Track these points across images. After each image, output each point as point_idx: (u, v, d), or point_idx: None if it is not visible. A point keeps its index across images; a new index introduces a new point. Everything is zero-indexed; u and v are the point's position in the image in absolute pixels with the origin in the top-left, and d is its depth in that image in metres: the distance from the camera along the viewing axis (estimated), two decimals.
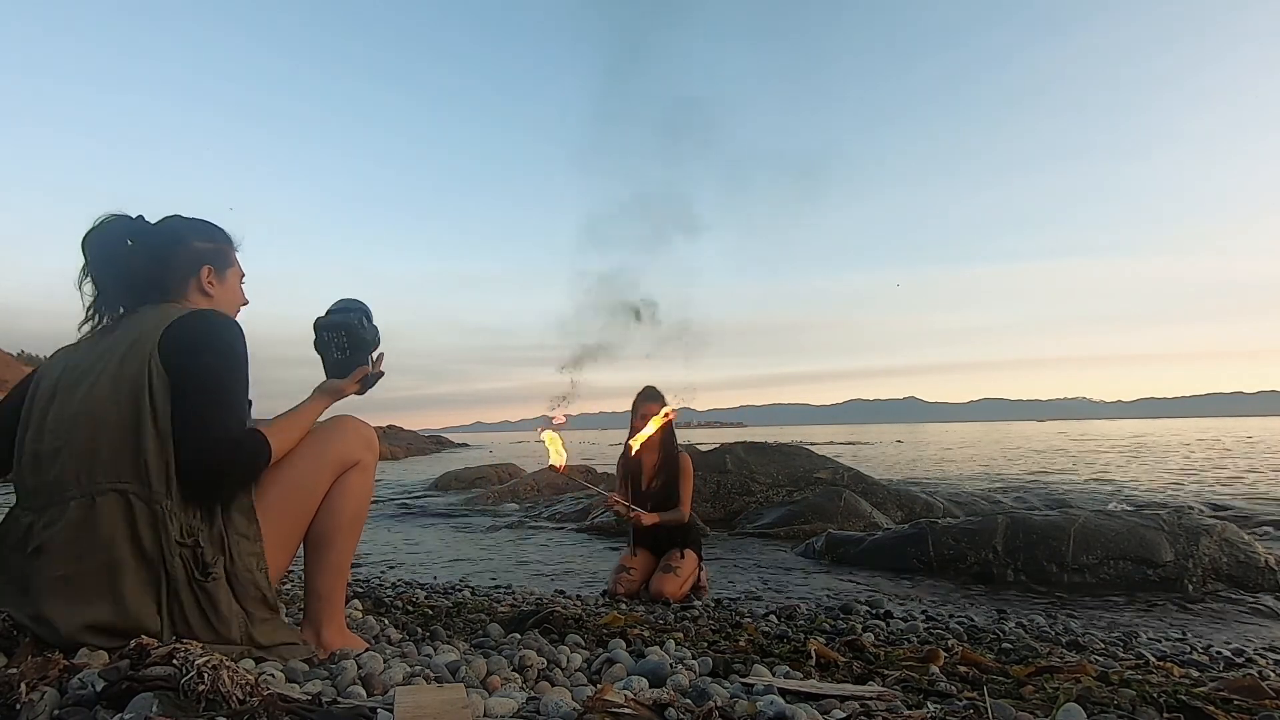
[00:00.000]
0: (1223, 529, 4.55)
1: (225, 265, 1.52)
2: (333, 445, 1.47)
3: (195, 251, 1.47)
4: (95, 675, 0.90)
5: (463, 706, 1.00)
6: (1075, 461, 16.31)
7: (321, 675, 1.30)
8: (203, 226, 1.51)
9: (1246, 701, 1.49)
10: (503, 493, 9.45)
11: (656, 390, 3.75)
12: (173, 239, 1.45)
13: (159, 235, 1.45)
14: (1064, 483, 10.75)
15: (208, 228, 1.52)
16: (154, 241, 1.43)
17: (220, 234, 1.53)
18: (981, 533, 4.63)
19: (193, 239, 1.47)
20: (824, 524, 5.92)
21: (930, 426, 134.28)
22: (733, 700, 1.24)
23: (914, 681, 1.60)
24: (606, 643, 1.85)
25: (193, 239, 1.47)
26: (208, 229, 1.51)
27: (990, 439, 35.28)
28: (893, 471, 13.70)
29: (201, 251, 1.47)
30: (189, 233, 1.48)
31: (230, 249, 1.54)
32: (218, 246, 1.51)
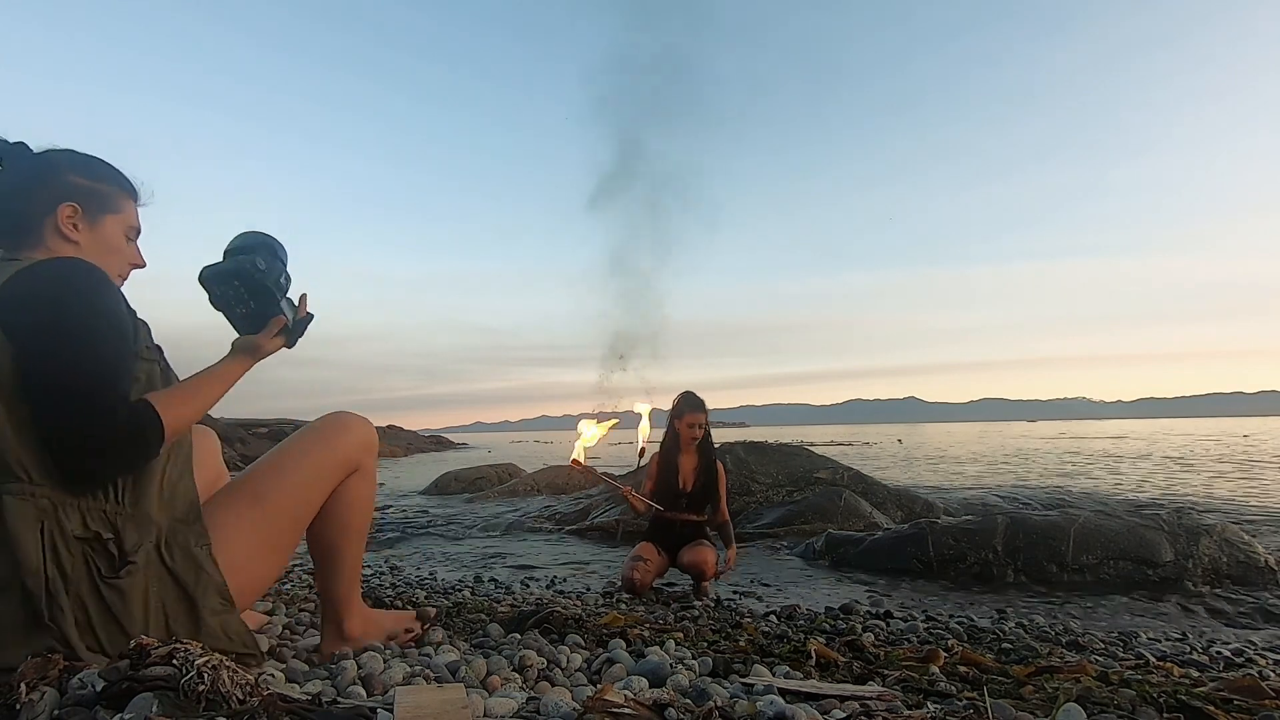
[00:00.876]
0: (1223, 529, 4.55)
1: (102, 209, 1.23)
2: (335, 446, 1.39)
3: (62, 185, 1.19)
4: (95, 675, 0.90)
5: (463, 706, 1.00)
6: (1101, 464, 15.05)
7: (321, 675, 1.30)
8: (89, 161, 1.24)
9: (1246, 701, 1.49)
10: (503, 493, 9.45)
11: (698, 398, 3.81)
12: (43, 168, 1.19)
13: (30, 162, 1.20)
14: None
15: (94, 163, 1.24)
16: (22, 168, 1.19)
17: (110, 174, 1.25)
18: (981, 533, 4.63)
19: (68, 173, 1.20)
20: (824, 524, 5.92)
21: (930, 426, 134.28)
22: (733, 700, 1.24)
23: (914, 681, 1.60)
24: (606, 643, 1.85)
25: (68, 173, 1.20)
26: (93, 164, 1.24)
27: (995, 439, 35.26)
28: (894, 471, 13.70)
29: (70, 186, 1.20)
30: (66, 165, 1.21)
31: (119, 195, 1.26)
32: (97, 185, 1.23)
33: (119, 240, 1.27)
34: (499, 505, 8.78)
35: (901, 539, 4.82)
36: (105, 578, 1.07)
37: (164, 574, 1.13)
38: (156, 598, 1.11)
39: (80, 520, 1.06)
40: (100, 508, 1.08)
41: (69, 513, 1.05)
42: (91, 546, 1.07)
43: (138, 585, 1.09)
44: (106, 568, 1.07)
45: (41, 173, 1.20)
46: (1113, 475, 12.10)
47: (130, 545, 1.09)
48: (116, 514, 1.10)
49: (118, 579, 1.07)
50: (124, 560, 1.08)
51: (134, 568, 1.09)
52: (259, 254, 1.32)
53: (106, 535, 1.08)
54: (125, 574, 1.08)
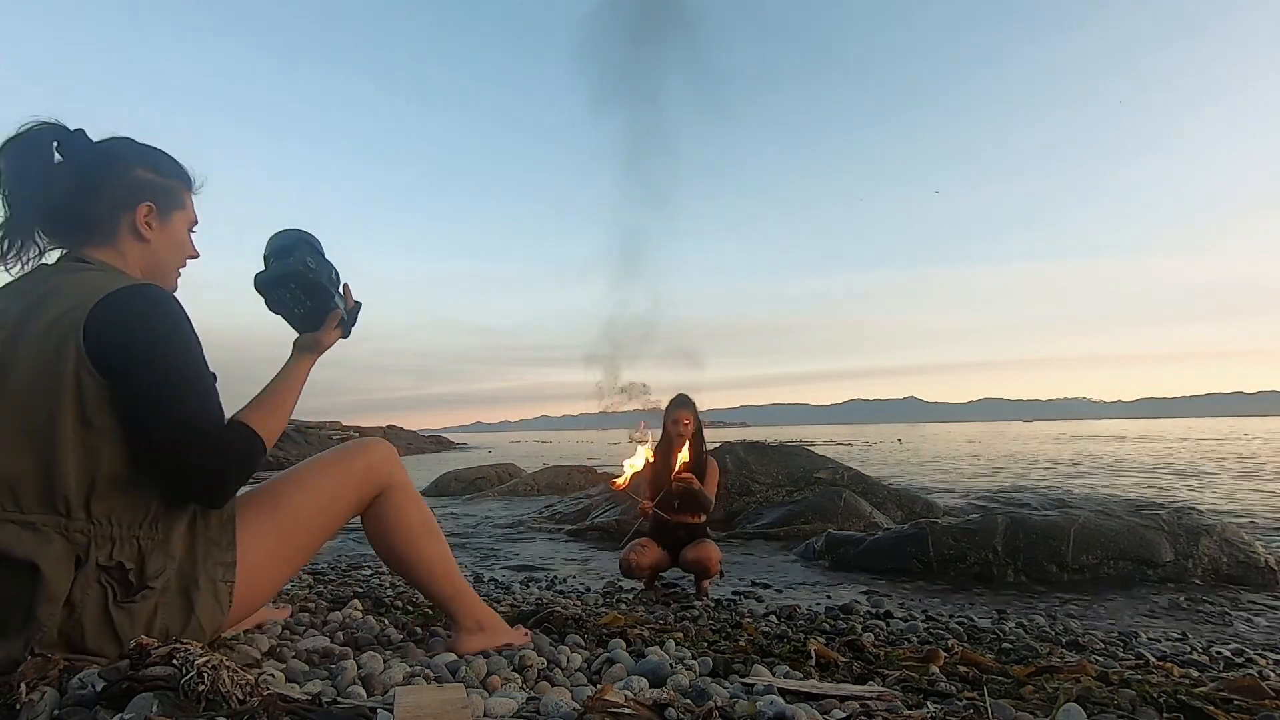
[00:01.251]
0: (1223, 529, 4.55)
1: (172, 206, 1.25)
2: (353, 465, 1.40)
3: (136, 182, 1.20)
4: (95, 675, 0.90)
5: (463, 706, 1.00)
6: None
7: (321, 675, 1.30)
8: (154, 154, 1.24)
9: (1246, 701, 1.49)
10: (503, 493, 9.45)
11: (684, 396, 4.01)
12: (112, 162, 1.19)
13: (96, 154, 1.18)
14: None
15: (160, 156, 1.25)
16: (86, 161, 1.17)
17: (174, 167, 1.26)
18: (981, 533, 4.64)
19: (137, 166, 1.20)
20: (824, 524, 5.93)
21: (930, 426, 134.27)
22: (733, 700, 1.24)
23: (914, 681, 1.60)
24: (606, 643, 1.85)
25: (137, 166, 1.20)
26: (159, 157, 1.25)
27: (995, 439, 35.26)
28: (893, 471, 13.70)
29: (144, 184, 1.20)
30: (133, 158, 1.21)
31: (183, 189, 1.27)
32: (167, 181, 1.24)
33: (184, 236, 1.29)
34: (499, 505, 8.78)
35: (901, 539, 4.83)
36: (120, 601, 1.07)
37: (178, 599, 1.13)
38: (162, 623, 1.11)
39: (109, 550, 1.06)
40: (134, 535, 1.09)
41: (100, 544, 1.06)
42: (111, 574, 1.06)
43: (146, 610, 1.09)
44: (122, 593, 1.07)
45: (112, 167, 1.19)
46: (1113, 475, 12.10)
47: (153, 571, 1.09)
48: (149, 540, 1.10)
49: (131, 602, 1.07)
50: (142, 585, 1.08)
51: (150, 593, 1.09)
52: (304, 253, 1.33)
53: (129, 565, 1.08)
54: (140, 598, 1.08)
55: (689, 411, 3.93)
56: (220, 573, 1.18)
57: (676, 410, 3.94)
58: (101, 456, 1.05)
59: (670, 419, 3.93)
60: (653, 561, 3.75)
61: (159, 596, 1.10)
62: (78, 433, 1.03)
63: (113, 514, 1.07)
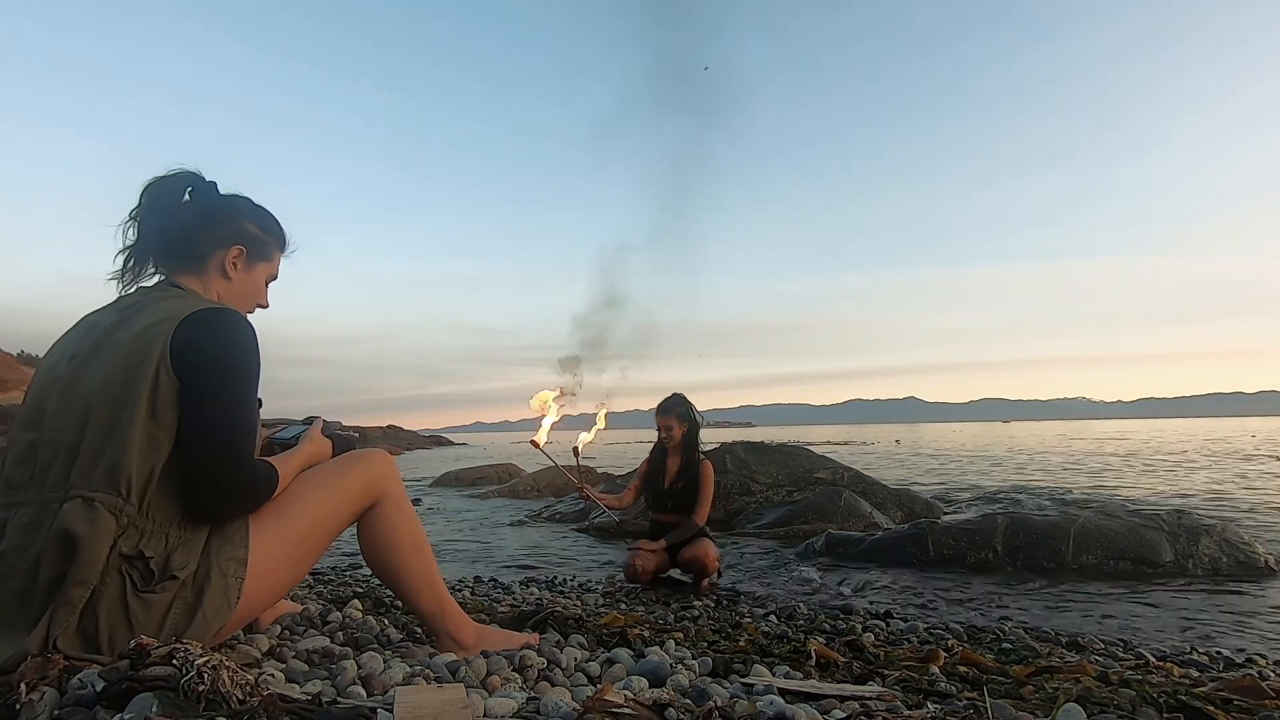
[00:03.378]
0: (1222, 529, 4.55)
1: (260, 257, 1.45)
2: (353, 473, 1.46)
3: (238, 229, 1.40)
4: (95, 675, 0.90)
5: (463, 706, 1.00)
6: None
7: (321, 675, 1.30)
8: (263, 213, 1.45)
9: (1246, 701, 1.49)
10: (503, 492, 9.45)
11: (670, 401, 3.99)
12: (226, 208, 1.40)
13: (216, 200, 1.39)
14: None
15: (267, 216, 1.46)
16: (208, 204, 1.38)
17: (276, 227, 1.48)
18: (981, 532, 4.64)
19: (246, 218, 1.41)
20: (824, 524, 5.92)
21: (930, 426, 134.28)
22: (733, 700, 1.24)
23: (914, 681, 1.60)
24: (607, 643, 1.85)
25: (246, 218, 1.41)
26: (266, 217, 1.46)
27: (995, 439, 35.26)
28: (892, 471, 13.70)
29: (244, 232, 1.41)
30: (246, 211, 1.42)
31: (275, 247, 1.48)
32: (263, 236, 1.45)
33: (261, 284, 1.48)
34: (499, 505, 8.79)
35: (901, 539, 4.83)
36: (140, 590, 1.12)
37: (191, 596, 1.18)
38: (173, 621, 1.16)
39: (135, 541, 1.12)
40: (164, 531, 1.16)
41: (131, 533, 1.12)
42: (132, 564, 1.12)
43: (163, 603, 1.14)
44: (141, 582, 1.12)
45: (226, 212, 1.39)
46: (1113, 476, 12.10)
47: (176, 566, 1.15)
48: (177, 538, 1.17)
49: (151, 592, 1.13)
50: (166, 576, 1.14)
51: (171, 584, 1.14)
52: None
53: (149, 555, 1.13)
54: (161, 589, 1.13)
55: (670, 418, 3.94)
56: (232, 568, 1.24)
57: (658, 414, 3.97)
58: (162, 450, 1.15)
59: (656, 425, 3.97)
60: (656, 564, 3.79)
61: (177, 589, 1.16)
62: (147, 424, 1.14)
63: (157, 507, 1.15)
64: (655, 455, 4.07)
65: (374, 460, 1.51)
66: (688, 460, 3.93)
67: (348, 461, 1.49)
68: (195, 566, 1.18)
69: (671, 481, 3.94)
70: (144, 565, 1.13)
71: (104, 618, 1.09)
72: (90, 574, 1.07)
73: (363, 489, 1.47)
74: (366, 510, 1.49)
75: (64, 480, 1.11)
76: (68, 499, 1.09)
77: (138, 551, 1.12)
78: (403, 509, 1.53)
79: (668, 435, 3.94)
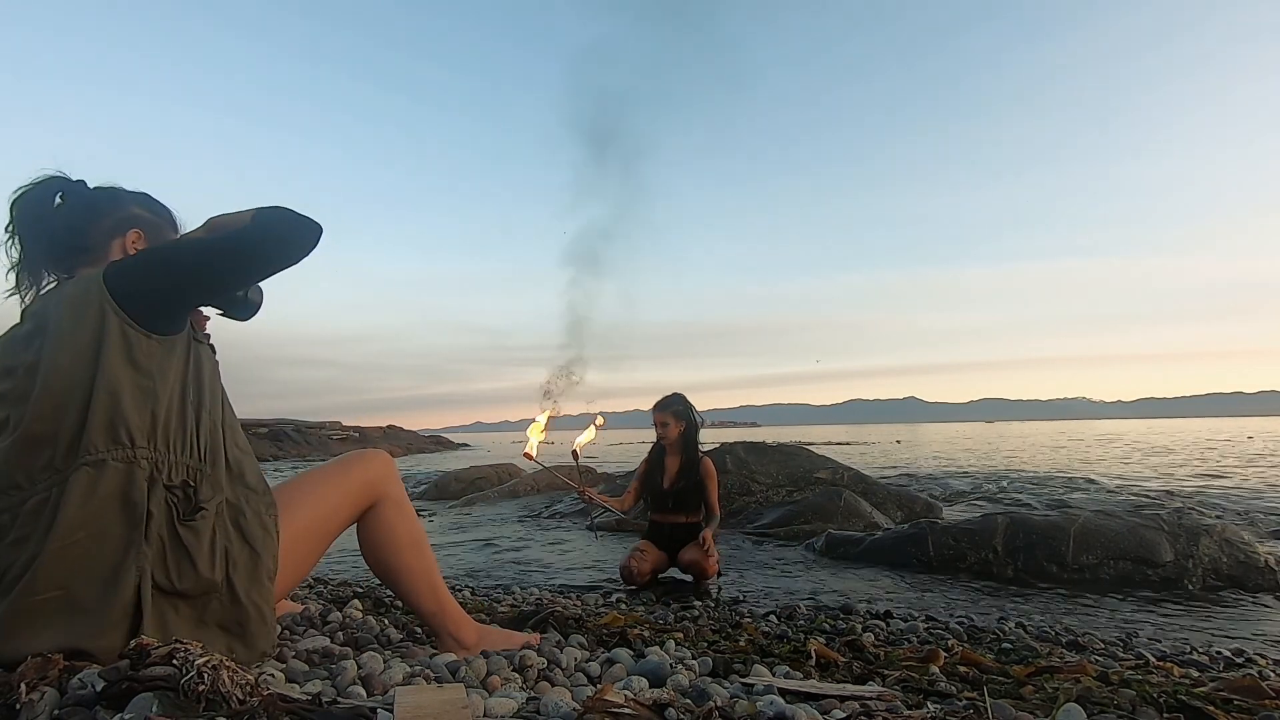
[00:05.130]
0: (1223, 529, 4.55)
1: (159, 238, 1.39)
2: (352, 472, 1.47)
3: (128, 214, 1.36)
4: (95, 675, 0.90)
5: (463, 706, 1.00)
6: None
7: (321, 675, 1.30)
8: (146, 198, 1.41)
9: (1246, 701, 1.49)
10: (503, 493, 9.45)
11: (668, 399, 4.00)
12: (107, 199, 1.35)
13: (93, 195, 1.35)
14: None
15: (151, 200, 1.42)
16: (85, 200, 1.34)
17: (163, 210, 1.43)
18: (981, 533, 4.64)
19: (130, 205, 1.37)
20: (824, 524, 5.92)
21: (930, 426, 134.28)
22: (733, 700, 1.24)
23: (914, 681, 1.60)
24: (607, 643, 1.85)
25: (130, 205, 1.37)
26: (149, 201, 1.41)
27: (995, 439, 35.23)
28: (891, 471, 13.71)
29: (135, 216, 1.37)
30: (128, 198, 1.38)
31: (168, 227, 1.42)
32: (155, 218, 1.40)
33: None
34: (499, 505, 8.78)
35: (901, 539, 4.83)
36: (183, 519, 1.17)
37: (232, 525, 1.24)
38: (222, 543, 1.21)
39: (169, 472, 1.17)
40: (186, 462, 1.20)
41: (162, 467, 1.17)
42: (174, 494, 1.17)
43: (207, 528, 1.19)
44: (184, 511, 1.17)
45: (110, 202, 1.36)
46: (1113, 475, 12.10)
47: (204, 497, 1.20)
48: (198, 469, 1.21)
49: (193, 520, 1.17)
50: (198, 506, 1.19)
51: (205, 513, 1.19)
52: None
53: (191, 484, 1.19)
54: (199, 517, 1.18)
55: (666, 414, 3.94)
56: (265, 508, 1.30)
57: (655, 411, 3.98)
58: (159, 396, 1.17)
59: (652, 421, 3.99)
60: (652, 565, 3.79)
61: (214, 518, 1.20)
62: (131, 376, 1.15)
63: (168, 447, 1.18)
64: (653, 455, 4.08)
65: (373, 461, 1.52)
66: (687, 460, 3.93)
67: (347, 462, 1.50)
68: (223, 503, 1.23)
69: (672, 482, 3.94)
70: (184, 492, 1.18)
71: (169, 548, 1.14)
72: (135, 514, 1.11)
73: (362, 489, 1.48)
74: (366, 510, 1.50)
75: (64, 461, 1.11)
76: (73, 471, 1.10)
77: (178, 481, 1.17)
78: (402, 509, 1.54)
79: (664, 432, 3.95)
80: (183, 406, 1.21)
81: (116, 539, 1.10)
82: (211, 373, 1.31)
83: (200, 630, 1.16)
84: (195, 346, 1.27)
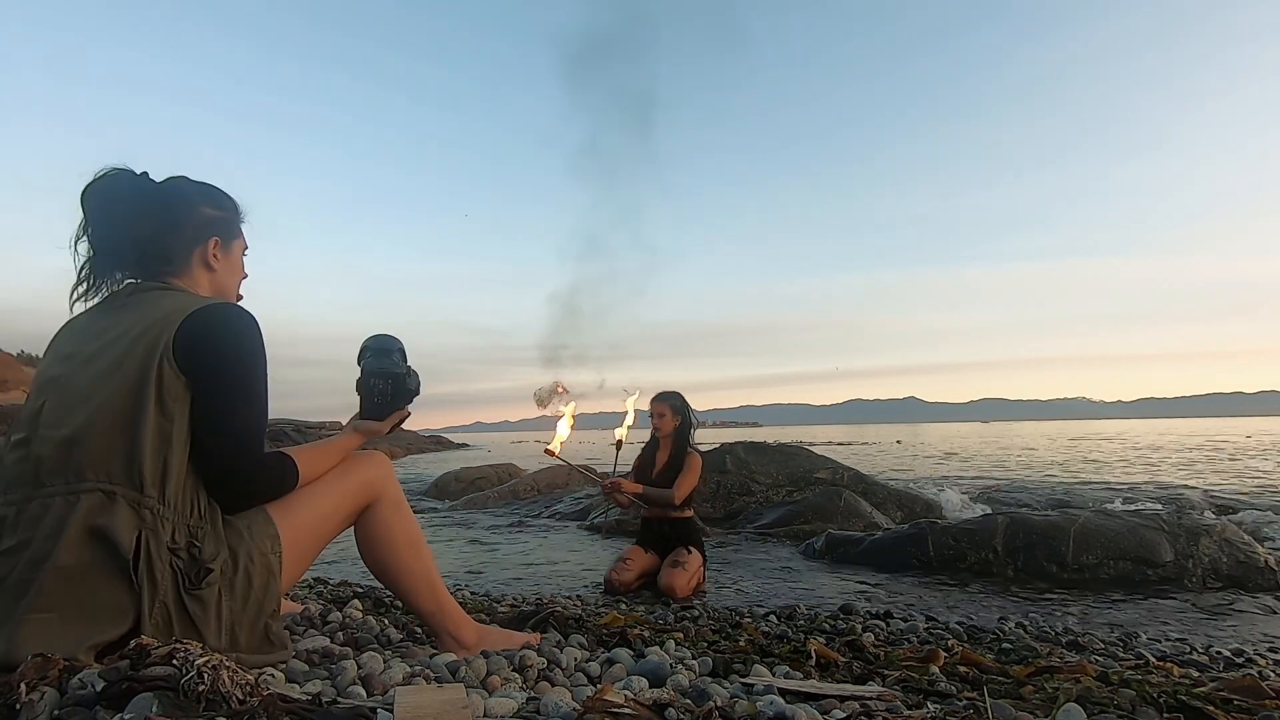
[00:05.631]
0: (1223, 529, 4.55)
1: (231, 236, 1.42)
2: (350, 473, 1.48)
3: (204, 219, 1.37)
4: (95, 675, 0.90)
5: (463, 706, 1.00)
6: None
7: (321, 675, 1.30)
8: (212, 191, 1.41)
9: (1246, 701, 1.49)
10: (503, 493, 9.45)
11: (666, 391, 4.10)
12: (182, 202, 1.35)
13: (167, 196, 1.34)
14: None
15: (216, 193, 1.42)
16: (161, 203, 1.33)
17: (229, 201, 1.43)
18: (981, 533, 4.63)
19: (201, 204, 1.37)
20: (824, 524, 5.92)
21: (930, 426, 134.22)
22: (733, 700, 1.24)
23: (914, 681, 1.60)
24: (607, 643, 1.85)
25: (201, 204, 1.37)
26: (216, 194, 1.41)
27: (995, 439, 35.21)
28: (891, 472, 13.70)
29: (210, 220, 1.38)
30: (198, 197, 1.38)
31: (237, 219, 1.45)
32: (226, 215, 1.41)
33: (240, 260, 1.47)
34: (499, 505, 8.78)
35: (901, 539, 4.82)
36: (189, 589, 1.15)
37: (239, 583, 1.22)
38: (227, 610, 1.20)
39: (170, 532, 1.15)
40: (186, 521, 1.18)
41: (164, 524, 1.15)
42: (179, 557, 1.15)
43: (213, 597, 1.18)
44: (191, 579, 1.16)
45: (183, 208, 1.35)
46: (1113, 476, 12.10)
47: (208, 555, 1.18)
48: (199, 528, 1.19)
49: (199, 590, 1.16)
50: (205, 569, 1.17)
51: (212, 576, 1.17)
52: (401, 359, 1.59)
53: (196, 545, 1.17)
54: (205, 585, 1.17)
55: (664, 404, 4.01)
56: (269, 545, 1.28)
57: (652, 404, 4.04)
58: (174, 445, 1.17)
59: (649, 412, 4.05)
60: (639, 572, 3.80)
61: (219, 580, 1.19)
62: (157, 420, 1.16)
63: (175, 500, 1.17)
64: (646, 451, 4.15)
65: (371, 461, 1.53)
66: (676, 453, 3.99)
67: (345, 463, 1.50)
68: (226, 556, 1.21)
69: (659, 472, 3.98)
70: (188, 557, 1.16)
71: (175, 617, 1.13)
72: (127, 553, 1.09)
73: (360, 489, 1.48)
74: (364, 511, 1.50)
75: (76, 476, 1.12)
76: (85, 492, 1.10)
77: (179, 544, 1.15)
78: (400, 509, 1.55)
79: (659, 423, 4.02)
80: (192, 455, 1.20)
81: (118, 587, 1.09)
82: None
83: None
84: None
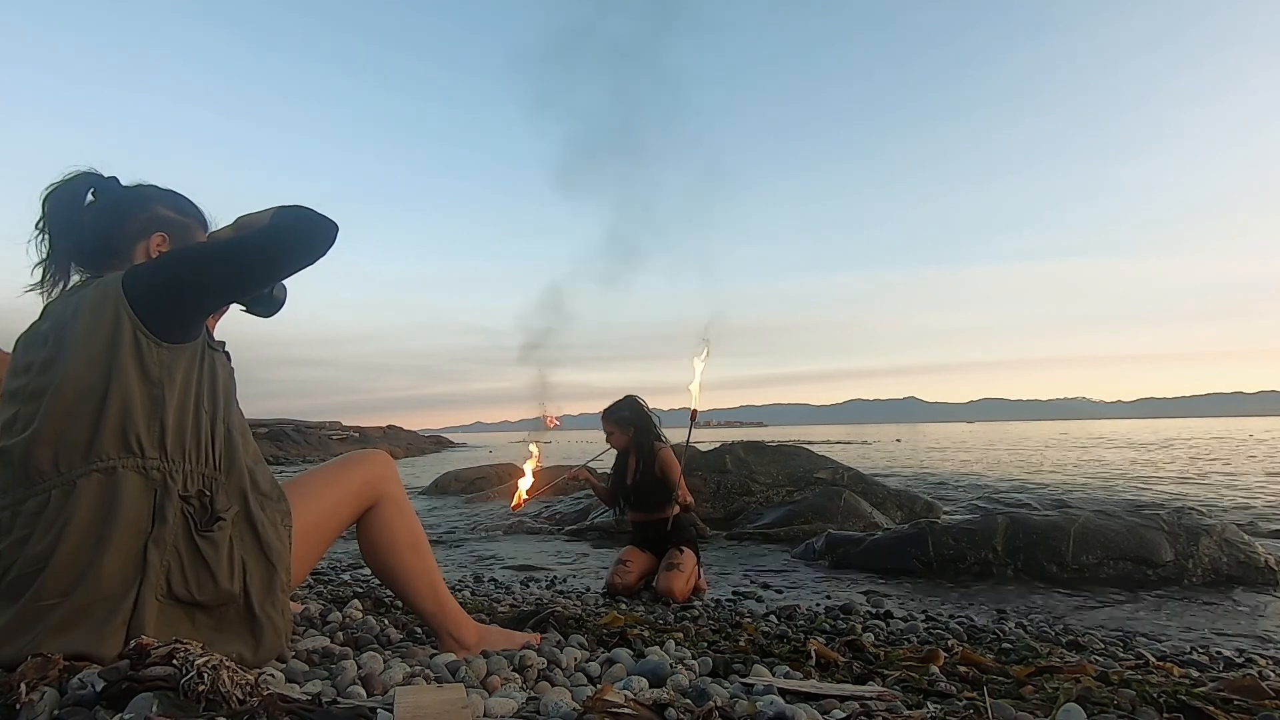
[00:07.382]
0: (1223, 529, 4.55)
1: (184, 240, 1.38)
2: (353, 472, 1.48)
3: (155, 216, 1.35)
4: (95, 675, 0.90)
5: (463, 706, 1.00)
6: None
7: (321, 675, 1.30)
8: (174, 196, 1.40)
9: (1246, 701, 1.49)
10: (502, 493, 9.45)
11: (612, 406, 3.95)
12: (136, 201, 1.35)
13: (122, 195, 1.35)
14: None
15: (179, 200, 1.40)
16: (115, 200, 1.33)
17: (191, 208, 1.41)
18: (981, 533, 4.63)
19: (158, 205, 1.36)
20: (824, 524, 5.92)
21: (930, 426, 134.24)
22: (733, 700, 1.24)
23: (914, 681, 1.60)
24: (607, 643, 1.85)
25: (158, 205, 1.36)
26: (179, 201, 1.40)
27: (994, 439, 35.21)
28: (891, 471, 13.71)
29: (162, 218, 1.35)
30: (156, 199, 1.37)
31: (197, 227, 1.41)
32: (182, 219, 1.38)
33: None
34: (499, 505, 8.78)
35: (901, 539, 4.82)
36: (200, 530, 1.16)
37: (248, 535, 1.23)
38: (239, 554, 1.21)
39: (183, 482, 1.17)
40: (201, 471, 1.20)
41: (175, 476, 1.16)
42: (190, 504, 1.17)
43: (225, 540, 1.19)
44: (202, 522, 1.17)
45: (136, 203, 1.35)
46: (1113, 475, 12.10)
47: (221, 507, 1.20)
48: (214, 478, 1.21)
49: (210, 532, 1.17)
50: (216, 516, 1.18)
51: (223, 524, 1.19)
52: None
53: (206, 494, 1.19)
54: (217, 528, 1.18)
55: (609, 423, 3.89)
56: (280, 518, 1.30)
57: (601, 420, 3.92)
58: (165, 405, 1.16)
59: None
60: (640, 574, 3.76)
61: (230, 529, 1.20)
62: (142, 385, 1.15)
63: (181, 456, 1.18)
64: (618, 460, 4.06)
65: (373, 461, 1.52)
66: (644, 457, 3.88)
67: (347, 462, 1.50)
68: (239, 512, 1.22)
69: (633, 478, 3.91)
70: (200, 503, 1.17)
71: (186, 564, 1.14)
72: (142, 523, 1.11)
73: (362, 489, 1.48)
74: (366, 510, 1.50)
75: (69, 466, 1.11)
76: (81, 477, 1.10)
77: (192, 491, 1.17)
78: (402, 509, 1.54)
79: (610, 441, 3.92)
80: (196, 414, 1.21)
81: (125, 551, 1.10)
82: (226, 381, 1.30)
83: (216, 637, 1.16)
84: (210, 354, 1.26)
